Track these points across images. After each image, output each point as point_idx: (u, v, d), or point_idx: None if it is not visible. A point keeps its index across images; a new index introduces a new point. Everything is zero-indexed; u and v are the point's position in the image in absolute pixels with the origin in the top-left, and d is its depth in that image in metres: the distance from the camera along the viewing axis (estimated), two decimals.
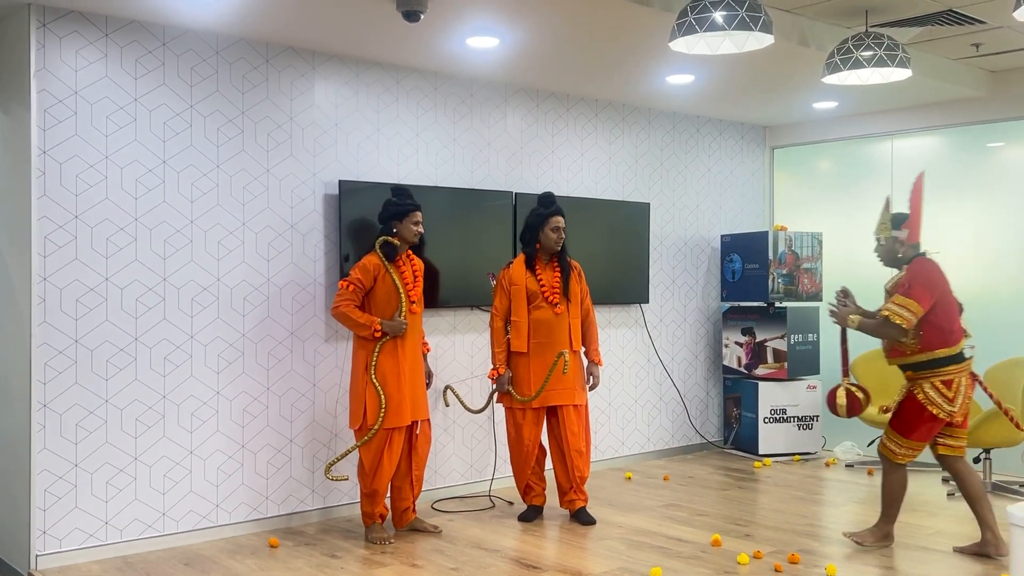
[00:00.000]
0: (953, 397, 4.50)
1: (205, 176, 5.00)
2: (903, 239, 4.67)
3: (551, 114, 6.58)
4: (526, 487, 5.43)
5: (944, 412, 4.51)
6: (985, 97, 6.78)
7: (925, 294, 4.45)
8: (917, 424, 4.56)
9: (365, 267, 4.83)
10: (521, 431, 5.29)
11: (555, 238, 5.24)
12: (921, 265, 4.59)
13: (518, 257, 5.36)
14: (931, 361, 4.51)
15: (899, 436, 4.63)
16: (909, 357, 4.56)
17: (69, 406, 4.58)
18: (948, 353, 4.52)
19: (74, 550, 4.59)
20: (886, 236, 4.69)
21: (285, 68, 5.29)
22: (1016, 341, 6.57)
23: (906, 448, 4.62)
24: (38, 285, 4.49)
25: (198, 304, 4.98)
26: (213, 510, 5.03)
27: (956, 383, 4.51)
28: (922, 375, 4.55)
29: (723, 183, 7.79)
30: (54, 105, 4.53)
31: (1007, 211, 6.75)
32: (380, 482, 4.86)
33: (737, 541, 4.92)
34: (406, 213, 4.88)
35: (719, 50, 4.43)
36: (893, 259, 4.73)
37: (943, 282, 4.57)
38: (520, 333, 5.23)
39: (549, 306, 5.24)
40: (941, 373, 4.51)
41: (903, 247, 4.68)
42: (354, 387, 4.89)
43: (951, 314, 4.57)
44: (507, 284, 5.29)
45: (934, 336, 4.50)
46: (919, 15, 5.30)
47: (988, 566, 4.50)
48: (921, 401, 4.52)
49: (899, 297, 4.49)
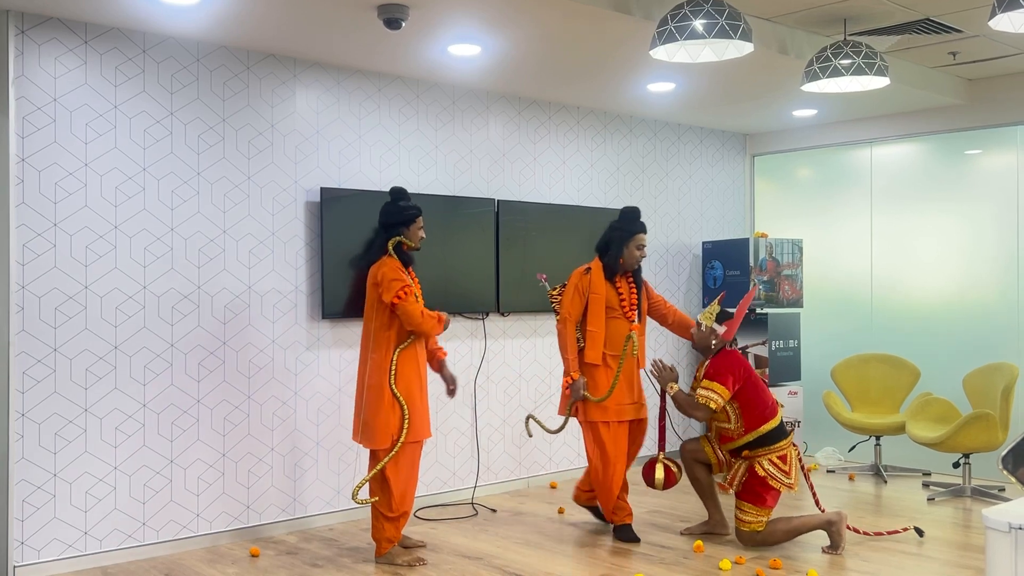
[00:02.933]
0: (788, 470, 4.83)
1: (185, 184, 4.98)
2: (719, 334, 5.02)
3: (533, 122, 6.60)
4: (617, 507, 5.14)
5: (783, 485, 4.81)
6: (962, 105, 6.86)
7: (728, 378, 4.84)
8: (766, 493, 4.83)
9: (398, 272, 4.56)
10: (607, 447, 5.04)
11: (639, 256, 5.10)
12: (726, 355, 4.97)
13: (594, 264, 5.15)
14: (760, 439, 4.83)
15: (755, 507, 4.84)
16: (738, 440, 4.88)
17: (48, 416, 4.55)
18: (772, 426, 4.84)
19: (53, 561, 4.55)
20: (708, 325, 5.03)
21: (266, 75, 5.28)
22: (994, 347, 6.64)
23: (764, 516, 4.84)
24: (16, 293, 4.46)
25: (178, 312, 4.95)
26: (193, 519, 5.00)
27: (789, 457, 4.86)
28: (757, 453, 4.85)
29: (704, 190, 7.83)
30: (33, 112, 4.50)
31: (984, 218, 6.82)
32: (409, 503, 4.64)
33: (719, 547, 4.94)
34: (413, 219, 4.68)
35: (699, 58, 4.46)
36: (706, 347, 5.06)
37: (746, 367, 4.93)
38: (597, 344, 5.05)
39: (626, 320, 5.12)
40: (774, 450, 4.84)
41: (718, 340, 5.02)
42: (379, 402, 4.54)
43: (761, 392, 4.91)
44: (584, 290, 5.09)
45: (753, 416, 4.84)
46: (897, 24, 5.35)
47: (968, 570, 4.53)
48: (762, 476, 4.81)
49: (707, 382, 4.88)
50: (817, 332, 7.70)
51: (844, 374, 7.08)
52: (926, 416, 6.39)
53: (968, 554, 4.82)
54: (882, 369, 6.97)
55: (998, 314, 6.73)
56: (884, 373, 6.95)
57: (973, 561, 4.68)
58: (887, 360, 6.98)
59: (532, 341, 6.56)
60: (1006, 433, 5.91)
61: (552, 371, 6.68)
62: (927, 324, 7.08)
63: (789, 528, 4.85)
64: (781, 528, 4.85)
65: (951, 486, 6.26)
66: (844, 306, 7.59)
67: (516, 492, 6.36)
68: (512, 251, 6.27)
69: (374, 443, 4.56)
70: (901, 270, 7.26)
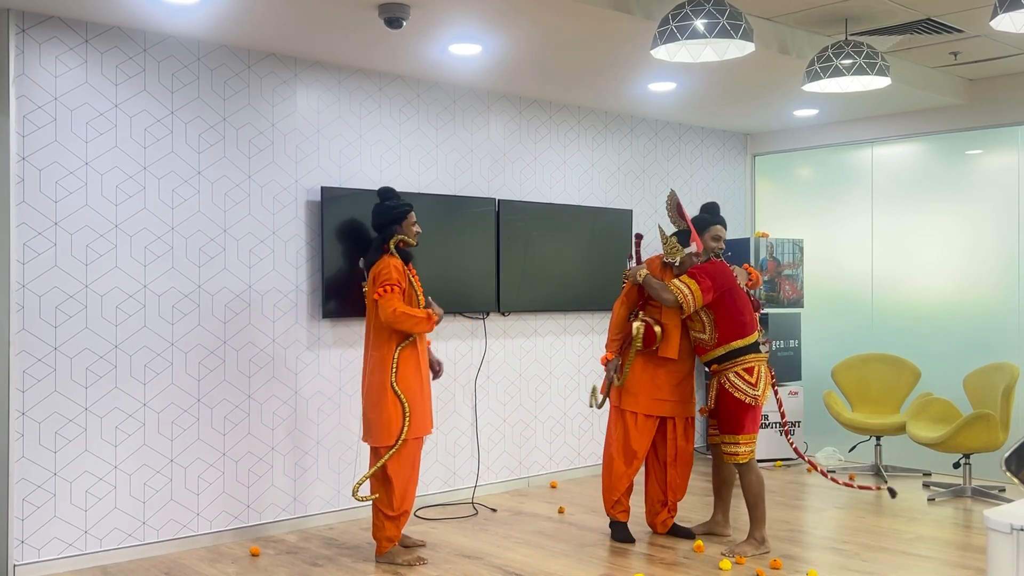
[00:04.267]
0: (755, 382, 4.81)
1: (186, 183, 4.98)
2: (696, 251, 4.95)
3: (534, 121, 6.59)
4: (617, 500, 5.06)
5: (750, 397, 4.78)
6: (963, 105, 6.85)
7: (708, 283, 4.76)
8: (742, 417, 4.80)
9: (398, 269, 4.57)
10: (630, 437, 4.97)
11: (714, 247, 5.01)
12: (712, 264, 4.91)
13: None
14: (729, 352, 4.82)
15: (733, 435, 4.83)
16: (711, 352, 4.87)
17: (48, 414, 4.55)
18: (744, 343, 4.83)
19: (53, 560, 4.55)
20: (682, 257, 4.96)
21: (267, 75, 5.28)
22: (994, 347, 6.63)
23: (745, 444, 4.83)
24: (16, 292, 4.46)
25: (179, 311, 4.95)
26: (194, 519, 5.00)
27: (756, 370, 4.83)
28: (724, 367, 4.84)
29: (705, 190, 7.82)
30: (33, 111, 4.50)
31: (985, 218, 6.82)
32: (410, 501, 4.65)
33: (719, 547, 4.93)
34: (404, 215, 4.70)
35: (700, 58, 4.46)
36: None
37: (729, 278, 4.86)
38: (672, 341, 4.90)
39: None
40: (741, 362, 4.82)
41: (698, 258, 4.96)
42: (381, 400, 4.55)
43: (742, 308, 4.86)
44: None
45: (729, 329, 4.82)
46: (898, 24, 5.35)
47: (969, 570, 4.53)
48: (729, 391, 4.80)
49: (686, 277, 4.82)
50: (817, 332, 7.69)
51: (844, 374, 7.08)
52: (926, 416, 6.39)
53: (968, 554, 4.81)
54: (882, 369, 6.97)
55: (998, 314, 6.73)
56: (884, 373, 6.95)
57: (973, 561, 4.68)
58: (887, 360, 6.98)
59: (532, 341, 6.55)
60: (1007, 433, 5.90)
61: (552, 371, 6.68)
62: (928, 324, 7.07)
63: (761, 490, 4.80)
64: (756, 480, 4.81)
65: (951, 486, 6.25)
66: (844, 306, 7.58)
67: (516, 492, 6.36)
68: (513, 251, 6.27)
69: (377, 440, 4.58)
70: (902, 270, 7.25)
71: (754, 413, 4.83)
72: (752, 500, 4.83)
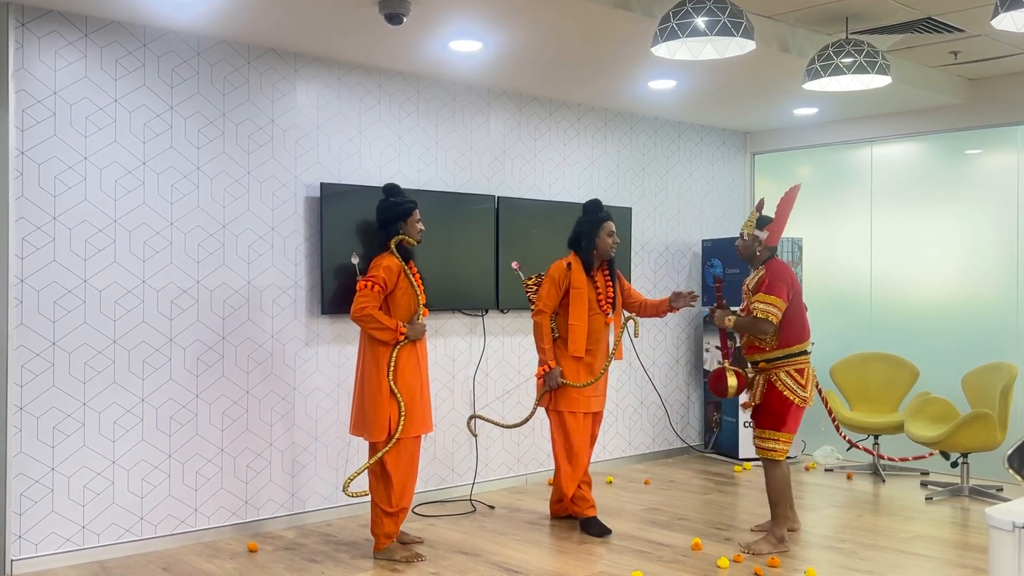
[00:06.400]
0: (805, 384, 4.81)
1: (185, 178, 4.97)
2: (763, 240, 4.92)
3: (533, 118, 6.59)
4: (580, 497, 5.21)
5: (799, 398, 4.79)
6: (963, 104, 6.85)
7: (784, 290, 4.75)
8: (784, 414, 4.80)
9: (389, 268, 4.55)
10: (573, 436, 5.14)
11: (611, 243, 5.14)
12: (777, 265, 4.88)
13: (573, 260, 5.18)
14: (786, 356, 4.81)
15: (774, 431, 4.82)
16: (767, 353, 4.83)
17: (46, 409, 4.54)
18: (801, 348, 4.85)
19: (50, 555, 4.54)
20: (749, 233, 4.93)
21: (267, 70, 5.27)
22: (993, 346, 6.63)
23: (784, 442, 4.82)
24: (15, 287, 4.45)
25: (177, 307, 4.94)
26: (192, 514, 4.99)
27: (806, 372, 4.84)
28: (776, 365, 4.82)
29: (704, 188, 7.82)
30: (32, 106, 4.49)
31: (984, 218, 6.82)
32: (407, 498, 4.66)
33: (717, 545, 4.94)
34: (409, 212, 4.67)
35: (701, 56, 4.45)
36: (751, 256, 4.96)
37: (796, 283, 4.87)
38: (578, 338, 5.08)
39: (602, 314, 5.19)
40: (794, 363, 4.81)
41: (761, 247, 4.92)
42: (376, 395, 4.54)
43: (802, 313, 4.89)
44: (563, 284, 5.13)
45: (791, 333, 4.81)
46: (898, 23, 5.35)
47: (967, 569, 4.53)
48: (779, 389, 4.78)
49: (762, 295, 4.76)
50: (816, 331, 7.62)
51: (843, 373, 7.08)
52: (925, 415, 6.39)
53: (967, 553, 4.82)
54: (881, 368, 6.97)
55: (997, 314, 6.73)
56: (883, 372, 6.95)
57: (972, 560, 4.69)
58: (886, 359, 6.98)
59: (531, 338, 6.54)
60: (1005, 433, 5.91)
61: None
62: (926, 323, 7.07)
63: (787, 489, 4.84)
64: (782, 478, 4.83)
65: (949, 485, 6.26)
66: (843, 305, 7.58)
67: (514, 489, 6.35)
68: (512, 248, 6.26)
69: (372, 435, 4.58)
70: (901, 269, 7.25)
71: (797, 413, 4.83)
72: (776, 497, 4.86)
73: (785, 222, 4.93)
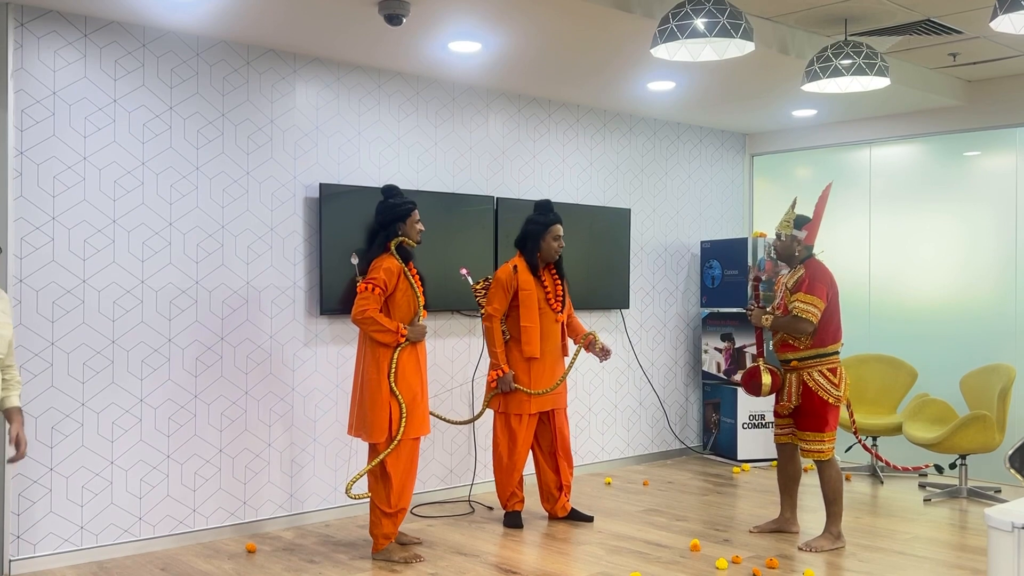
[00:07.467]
0: (838, 383, 4.85)
1: (184, 178, 4.97)
2: (801, 239, 4.96)
3: (533, 119, 6.59)
4: (512, 493, 5.35)
5: (833, 397, 4.83)
6: (962, 106, 6.86)
7: (824, 290, 4.80)
8: (826, 414, 4.84)
9: (389, 269, 4.55)
10: (517, 437, 5.23)
11: (556, 247, 5.22)
12: (817, 265, 4.92)
13: (519, 262, 5.24)
14: (818, 355, 4.85)
15: (818, 433, 4.86)
16: (801, 352, 4.87)
17: (45, 409, 4.54)
18: (835, 348, 4.90)
19: (49, 555, 4.54)
20: (787, 233, 4.97)
21: (266, 71, 5.27)
22: (991, 348, 6.64)
23: (829, 442, 4.87)
24: (14, 287, 4.45)
25: (176, 307, 4.94)
26: (190, 515, 4.99)
27: (839, 371, 4.88)
28: (807, 364, 4.87)
29: (703, 190, 7.83)
30: (32, 106, 4.49)
31: (983, 220, 6.82)
32: (406, 499, 4.66)
33: (716, 546, 4.94)
34: (408, 213, 4.67)
35: (700, 57, 4.45)
36: (789, 256, 5.01)
37: (834, 283, 4.91)
38: (532, 339, 5.15)
39: (552, 313, 5.25)
40: (826, 362, 4.86)
41: (800, 246, 4.97)
42: (376, 396, 4.54)
43: (837, 313, 4.92)
44: (511, 287, 5.18)
45: (827, 333, 4.85)
46: (897, 24, 5.35)
47: (965, 570, 4.54)
48: (815, 390, 4.82)
49: (803, 295, 4.80)
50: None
51: None
52: (923, 417, 6.39)
53: (965, 555, 4.82)
54: (879, 369, 6.97)
55: (996, 316, 6.74)
56: (881, 373, 6.95)
57: (970, 562, 4.69)
58: (884, 360, 6.98)
59: None
60: (1003, 434, 5.91)
61: None
62: (925, 325, 7.08)
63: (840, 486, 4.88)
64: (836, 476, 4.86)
65: (947, 487, 6.26)
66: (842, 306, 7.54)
67: None
68: (511, 249, 6.25)
69: (372, 436, 4.58)
70: (899, 271, 7.26)
71: (836, 412, 4.88)
72: (832, 496, 4.89)
73: (821, 220, 4.99)
